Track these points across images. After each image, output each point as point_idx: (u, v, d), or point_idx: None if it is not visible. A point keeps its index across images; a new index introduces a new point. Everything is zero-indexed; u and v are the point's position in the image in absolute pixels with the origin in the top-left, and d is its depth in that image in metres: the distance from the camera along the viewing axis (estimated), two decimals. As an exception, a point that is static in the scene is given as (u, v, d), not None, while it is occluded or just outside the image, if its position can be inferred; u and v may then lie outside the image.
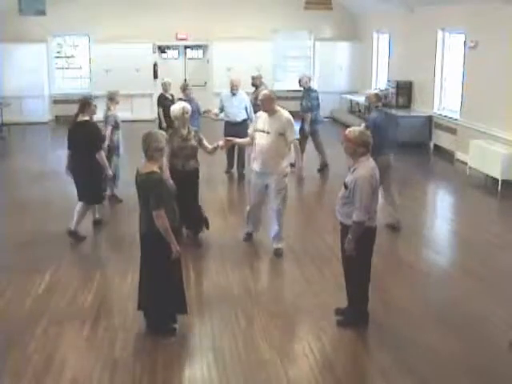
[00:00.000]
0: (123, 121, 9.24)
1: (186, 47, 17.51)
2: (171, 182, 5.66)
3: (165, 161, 6.30)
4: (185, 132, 7.04)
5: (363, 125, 7.79)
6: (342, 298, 5.53)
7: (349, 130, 5.35)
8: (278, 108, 6.95)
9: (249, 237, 7.45)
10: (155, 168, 5.03)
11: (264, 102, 6.88)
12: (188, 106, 7.19)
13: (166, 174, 6.20)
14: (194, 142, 7.07)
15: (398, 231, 7.82)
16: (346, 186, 5.23)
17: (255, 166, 7.00)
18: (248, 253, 7.18)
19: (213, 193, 9.61)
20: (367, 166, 5.16)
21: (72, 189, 7.68)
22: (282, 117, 6.85)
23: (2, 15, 15.49)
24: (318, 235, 7.68)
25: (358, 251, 5.13)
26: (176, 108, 7.11)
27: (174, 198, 5.22)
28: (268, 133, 6.81)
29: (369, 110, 9.35)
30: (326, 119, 13.57)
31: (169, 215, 4.97)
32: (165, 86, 11.20)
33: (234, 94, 10.37)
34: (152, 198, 4.92)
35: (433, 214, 9.23)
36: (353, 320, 5.39)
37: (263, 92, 7.10)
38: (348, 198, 5.19)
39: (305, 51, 18.05)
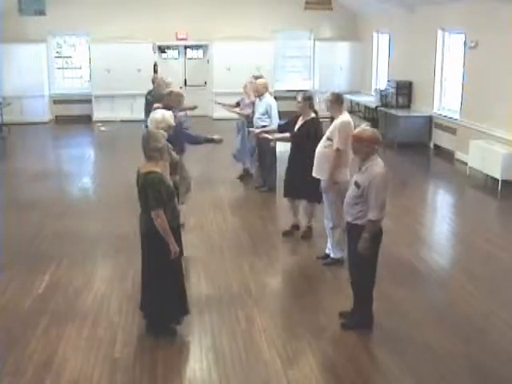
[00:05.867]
0: (123, 121, 9.22)
1: (185, 47, 17.52)
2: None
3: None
4: None
5: (364, 124, 7.78)
6: (343, 298, 5.54)
7: (358, 130, 5.24)
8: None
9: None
10: (154, 168, 5.02)
11: None
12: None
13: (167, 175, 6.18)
14: None
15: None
16: (358, 186, 5.11)
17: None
18: (248, 252, 7.18)
19: (214, 191, 9.64)
20: (379, 163, 5.10)
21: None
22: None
23: (1, 15, 15.49)
24: (320, 235, 7.68)
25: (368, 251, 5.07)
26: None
27: (174, 198, 5.22)
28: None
29: None
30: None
31: (168, 215, 4.97)
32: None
33: None
34: (150, 198, 4.92)
35: (433, 214, 9.22)
36: (358, 323, 5.33)
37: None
38: (360, 198, 5.09)
39: (305, 51, 18.05)
